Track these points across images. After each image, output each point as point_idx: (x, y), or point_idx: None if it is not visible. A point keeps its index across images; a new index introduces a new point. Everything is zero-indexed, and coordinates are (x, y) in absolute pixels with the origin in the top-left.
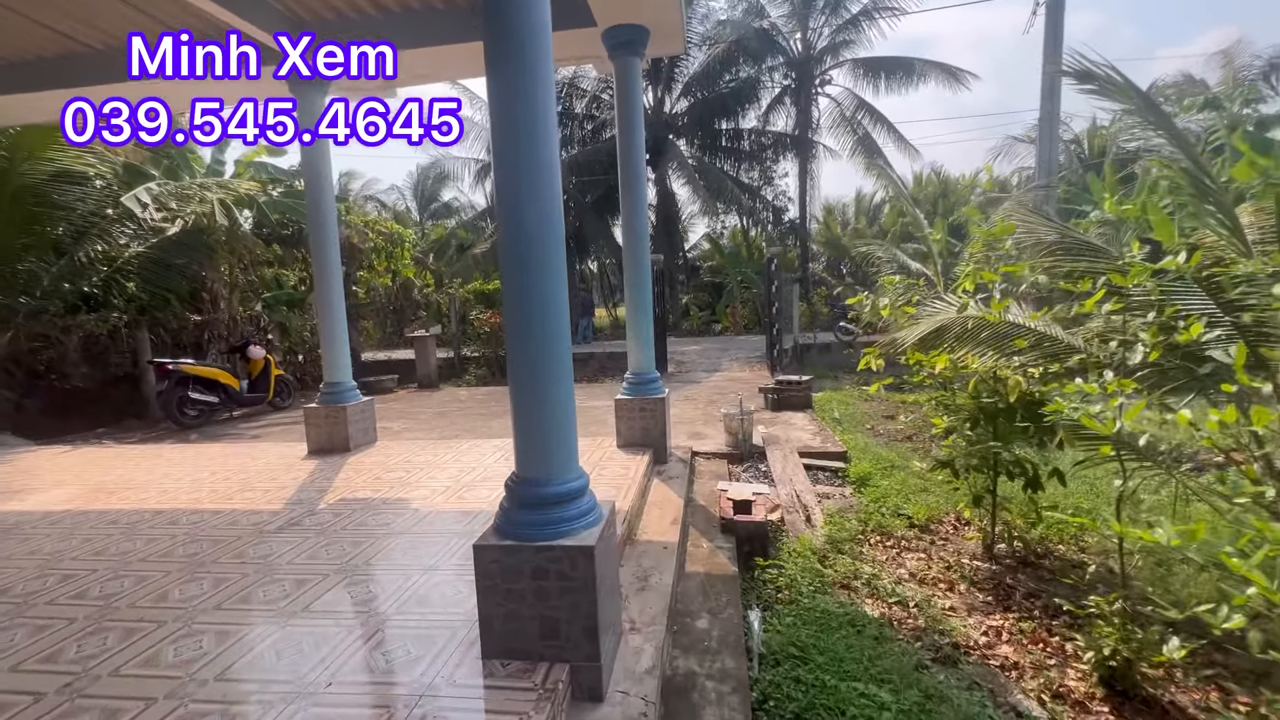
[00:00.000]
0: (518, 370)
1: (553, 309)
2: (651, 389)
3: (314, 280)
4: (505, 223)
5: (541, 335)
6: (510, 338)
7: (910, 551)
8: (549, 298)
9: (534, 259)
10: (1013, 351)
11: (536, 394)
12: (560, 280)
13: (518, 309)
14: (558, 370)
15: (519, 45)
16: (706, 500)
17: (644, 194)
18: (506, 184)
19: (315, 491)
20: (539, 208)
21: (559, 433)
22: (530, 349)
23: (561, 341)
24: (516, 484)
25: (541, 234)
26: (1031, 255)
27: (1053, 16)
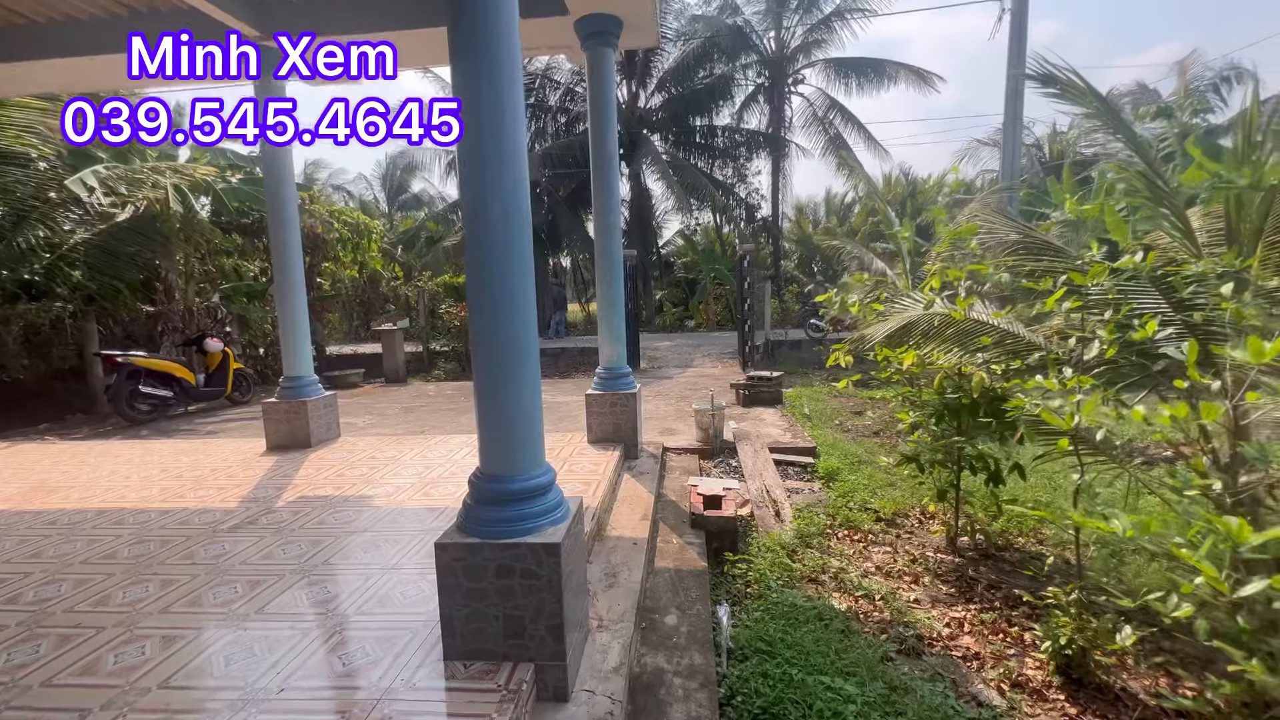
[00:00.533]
0: (482, 363)
1: (519, 301)
2: (623, 384)
3: (273, 271)
4: (470, 214)
5: (507, 327)
6: (475, 330)
7: (877, 545)
8: (515, 290)
9: (499, 250)
10: (976, 348)
11: (501, 387)
12: (527, 271)
13: (483, 301)
14: (523, 362)
15: (485, 32)
16: (677, 496)
17: (616, 188)
18: (471, 175)
19: (273, 489)
20: (504, 199)
21: (524, 426)
22: (495, 341)
23: (527, 334)
24: (480, 479)
25: (507, 225)
26: (995, 254)
27: (1017, 23)
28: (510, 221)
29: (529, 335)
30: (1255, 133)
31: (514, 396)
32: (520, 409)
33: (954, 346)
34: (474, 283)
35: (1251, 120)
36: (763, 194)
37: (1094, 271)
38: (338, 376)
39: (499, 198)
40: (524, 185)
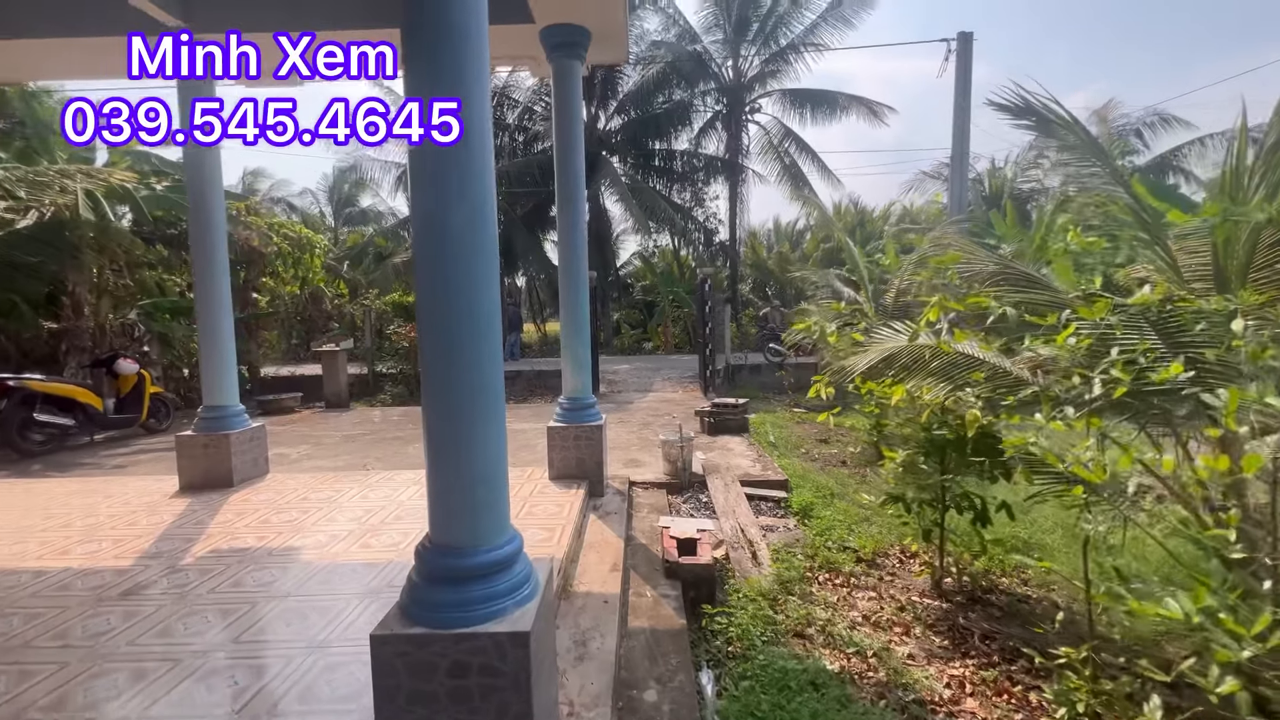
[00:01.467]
0: (436, 406)
1: (483, 331)
2: (588, 415)
3: (195, 287)
4: (426, 224)
5: (470, 364)
6: (428, 365)
7: (860, 589)
8: (479, 316)
9: (460, 269)
10: (964, 383)
11: (461, 439)
12: (493, 296)
13: (438, 330)
14: (489, 408)
15: (442, 35)
16: (647, 538)
17: (583, 208)
18: (432, 176)
19: (182, 541)
20: (468, 211)
21: (488, 486)
22: (453, 380)
23: (493, 371)
24: (430, 552)
25: (474, 235)
26: (973, 285)
27: (962, 63)
28: (475, 233)
29: (495, 373)
30: (1243, 169)
31: (478, 450)
32: (485, 466)
33: (940, 380)
34: (427, 305)
35: (1240, 154)
36: (720, 218)
37: (1099, 307)
38: (272, 401)
39: (463, 205)
40: (491, 191)
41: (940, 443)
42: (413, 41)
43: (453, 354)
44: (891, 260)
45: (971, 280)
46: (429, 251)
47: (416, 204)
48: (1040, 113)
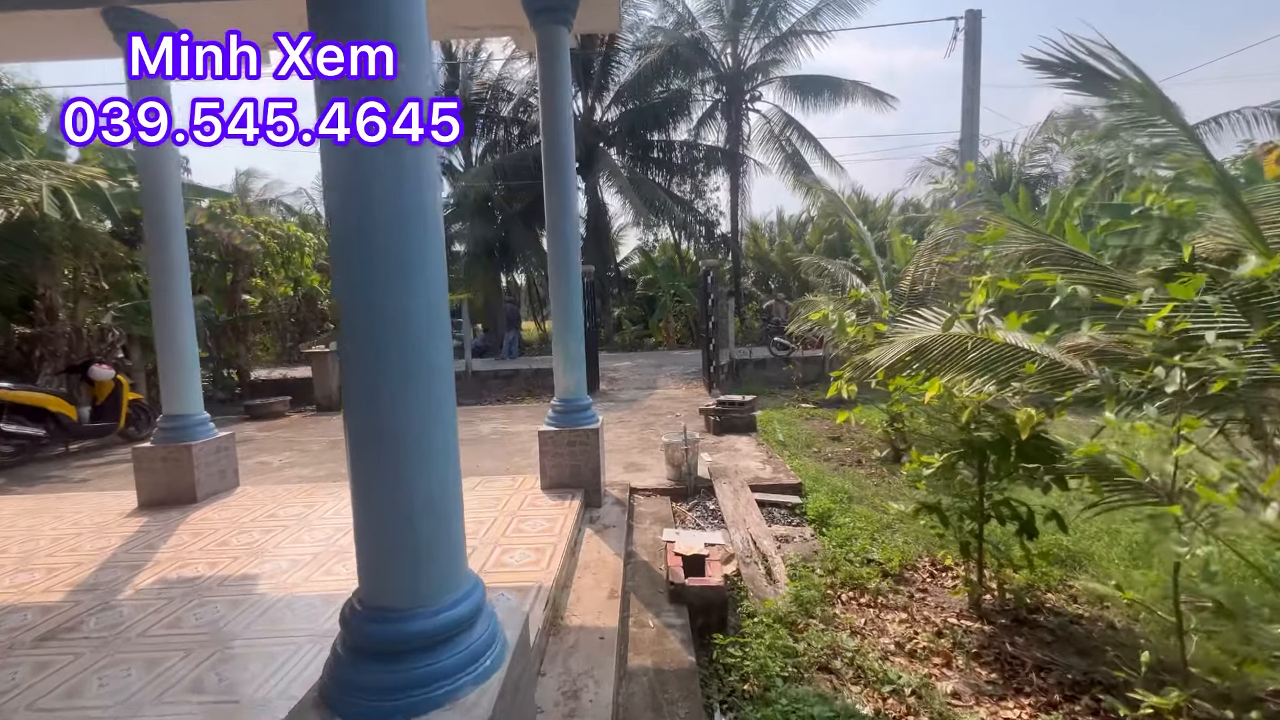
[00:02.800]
0: (362, 430)
1: (425, 334)
2: (582, 418)
3: (151, 288)
4: (341, 207)
5: (410, 365)
6: (351, 377)
7: (889, 610)
8: (417, 317)
9: (389, 258)
10: (1009, 377)
11: (398, 468)
12: (430, 277)
13: (362, 334)
14: (435, 425)
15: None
16: (649, 554)
17: (573, 190)
18: (347, 157)
19: (125, 569)
20: (398, 182)
21: (434, 521)
22: (383, 388)
23: (441, 381)
24: (357, 617)
25: (402, 225)
26: (1010, 265)
27: (971, 42)
28: (411, 213)
29: (442, 380)
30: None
31: (419, 475)
32: (429, 495)
33: (980, 374)
34: (349, 306)
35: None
36: (721, 210)
37: (1194, 283)
38: (261, 406)
39: (392, 177)
40: (432, 163)
41: (980, 445)
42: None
43: (382, 365)
44: (899, 251)
45: (1007, 261)
46: (350, 241)
47: (327, 158)
48: (1088, 67)
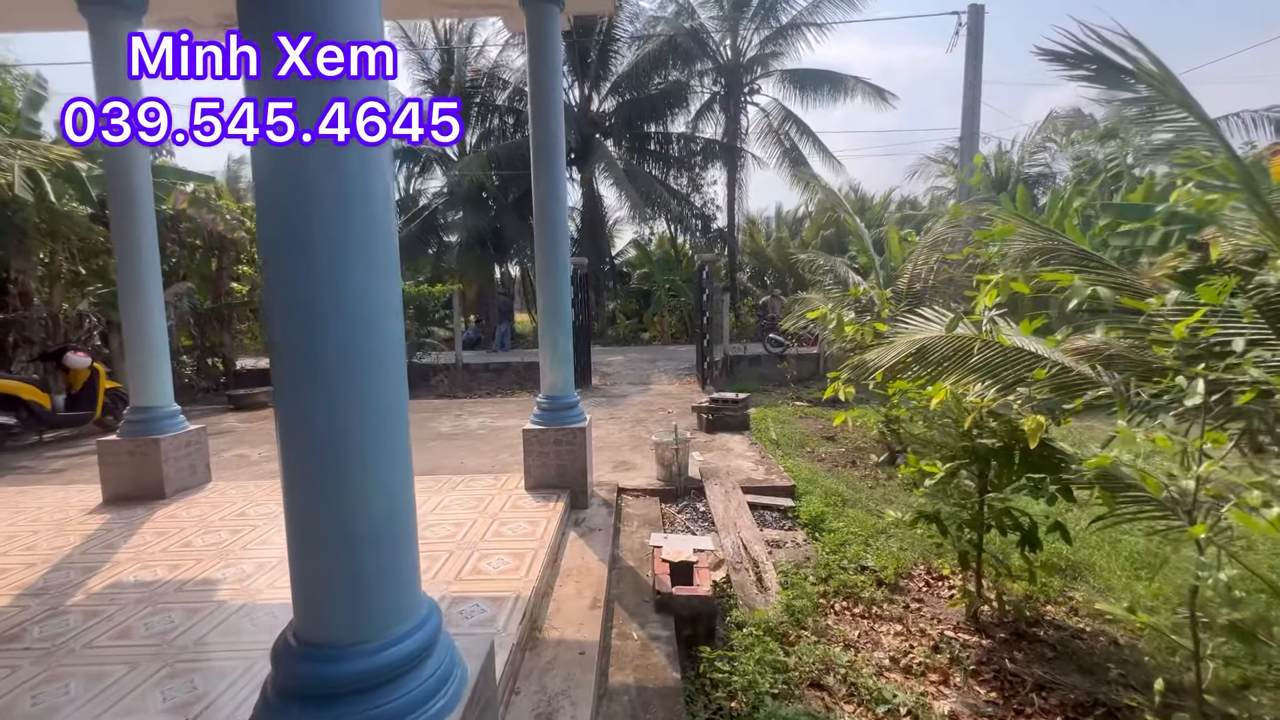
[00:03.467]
0: (296, 440)
1: (371, 329)
2: (569, 417)
3: (117, 273)
4: (268, 175)
5: (352, 375)
6: (283, 378)
7: (884, 621)
8: (366, 307)
9: (326, 244)
10: (1014, 381)
11: (337, 483)
12: (386, 277)
13: (296, 328)
14: (382, 436)
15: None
16: (637, 560)
17: (562, 178)
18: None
19: (80, 571)
20: (339, 186)
21: (380, 546)
22: (320, 400)
23: (389, 384)
24: (290, 654)
25: (341, 200)
26: (1015, 264)
27: (973, 37)
28: (363, 208)
29: (394, 385)
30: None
31: (364, 501)
32: (375, 523)
33: (984, 378)
34: (277, 298)
35: None
36: (718, 204)
37: (1226, 286)
38: (244, 396)
39: (339, 198)
40: (381, 174)
41: (983, 452)
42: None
43: (320, 348)
44: (896, 249)
45: (1013, 260)
46: (280, 217)
47: (261, 151)
48: (1104, 59)
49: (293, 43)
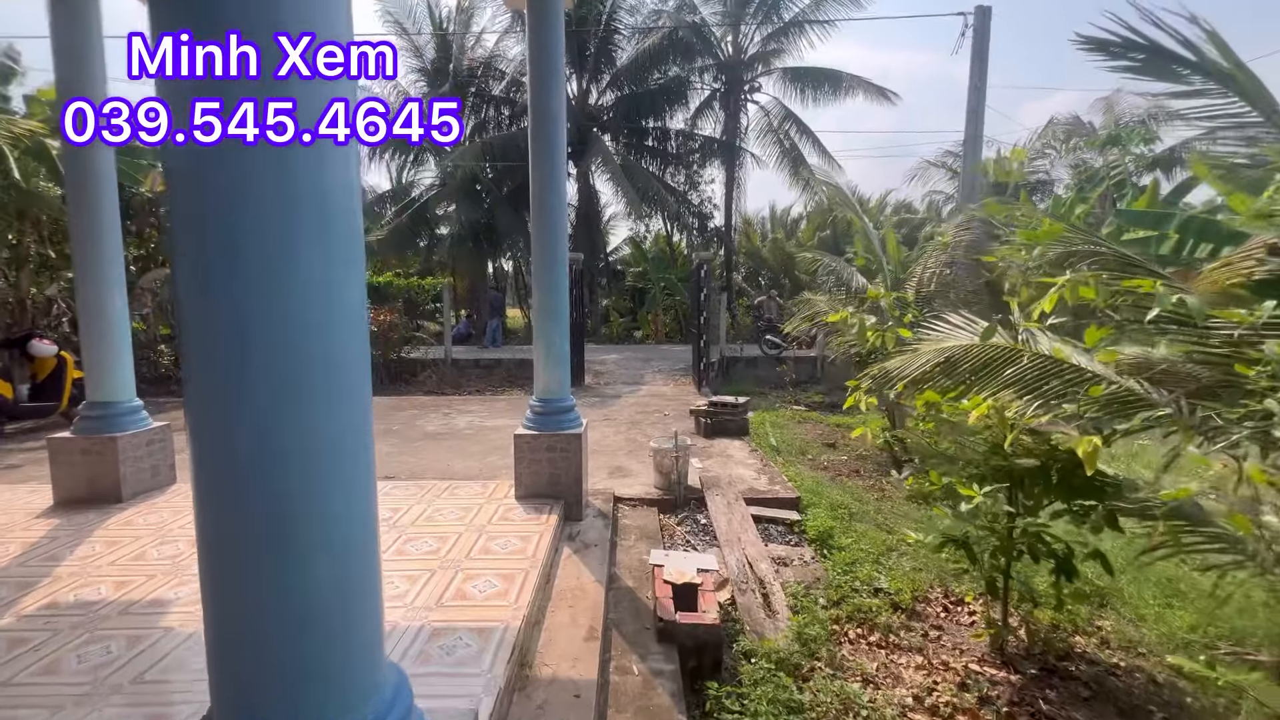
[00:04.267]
0: (211, 480)
1: (321, 338)
2: (564, 421)
3: (73, 255)
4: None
5: (284, 400)
6: (197, 398)
7: (903, 651)
8: (308, 313)
9: (256, 221)
10: (1057, 397)
11: (264, 538)
12: (349, 275)
13: (216, 337)
14: (331, 473)
15: None
16: (635, 578)
17: (562, 164)
18: None
19: (16, 585)
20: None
21: (327, 629)
22: (243, 426)
23: (345, 406)
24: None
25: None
26: (1042, 269)
27: (979, 39)
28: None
29: (356, 404)
30: None
31: (299, 565)
32: (326, 596)
33: (1022, 392)
34: (194, 276)
35: None
36: (715, 203)
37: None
38: None
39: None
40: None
41: (1017, 473)
42: None
43: (250, 362)
44: (894, 251)
45: (1042, 263)
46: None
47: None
48: (1156, 47)
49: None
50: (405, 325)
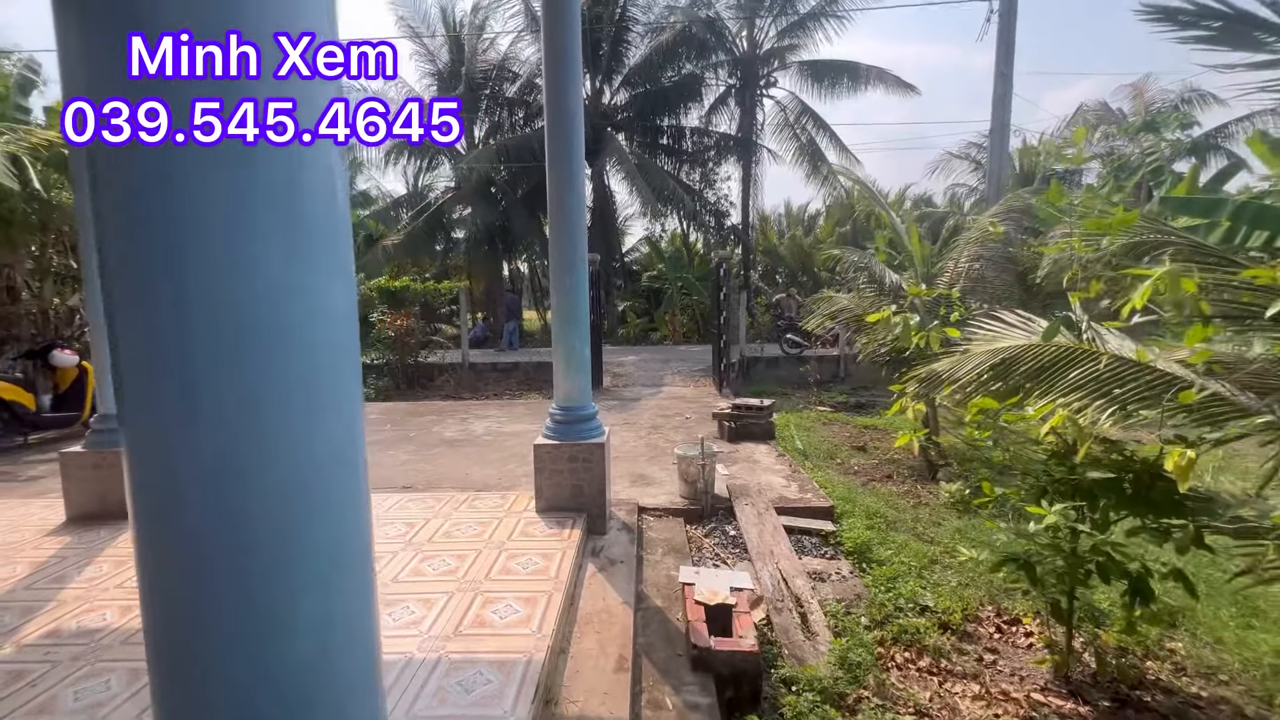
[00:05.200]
0: (150, 523)
1: (294, 344)
2: (586, 430)
3: (84, 268)
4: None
5: (244, 416)
6: (129, 420)
7: (957, 678)
8: (275, 315)
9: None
10: (1132, 401)
11: (216, 602)
12: (339, 279)
13: (154, 345)
14: (305, 514)
15: None
16: (664, 597)
17: (580, 162)
18: None
19: (20, 611)
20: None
21: (319, 701)
22: (191, 455)
23: (327, 429)
24: None
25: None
26: (1104, 262)
27: (1005, 24)
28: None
29: (347, 424)
30: None
31: (269, 640)
32: (285, 676)
33: (1092, 397)
34: (133, 290)
35: None
36: (731, 200)
37: None
38: None
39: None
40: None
41: (1086, 486)
42: None
43: (196, 369)
44: (916, 246)
45: (1101, 256)
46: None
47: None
48: (1235, 14)
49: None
50: (422, 329)
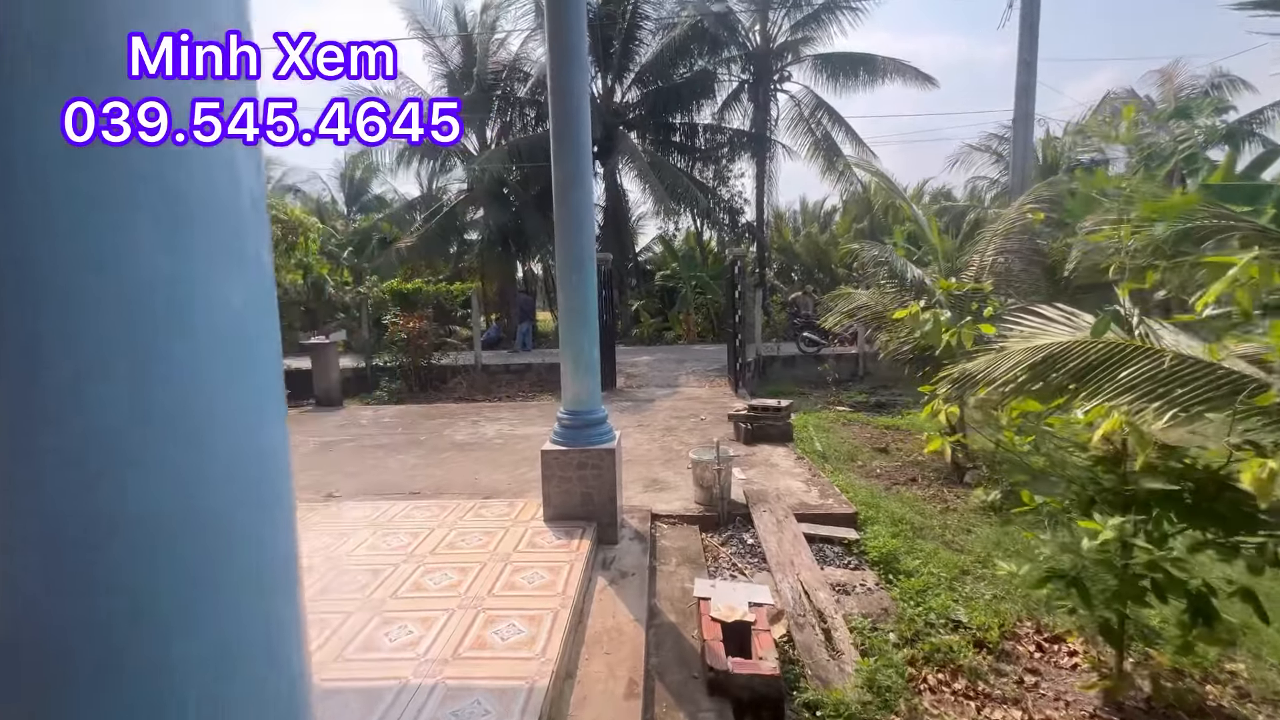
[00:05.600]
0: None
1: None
2: (595, 435)
3: None
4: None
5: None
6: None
7: (996, 703)
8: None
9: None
10: (1196, 403)
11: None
12: (258, 275)
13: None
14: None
15: None
16: (678, 613)
17: (586, 158)
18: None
19: None
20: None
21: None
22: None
23: (248, 459)
24: None
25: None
26: (1152, 250)
27: (1028, 9)
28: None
29: (261, 450)
30: None
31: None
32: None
33: (1146, 400)
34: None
35: None
36: (746, 197)
37: None
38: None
39: None
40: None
41: (1142, 497)
42: None
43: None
44: (936, 240)
45: (1151, 244)
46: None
47: None
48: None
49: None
50: (435, 331)
